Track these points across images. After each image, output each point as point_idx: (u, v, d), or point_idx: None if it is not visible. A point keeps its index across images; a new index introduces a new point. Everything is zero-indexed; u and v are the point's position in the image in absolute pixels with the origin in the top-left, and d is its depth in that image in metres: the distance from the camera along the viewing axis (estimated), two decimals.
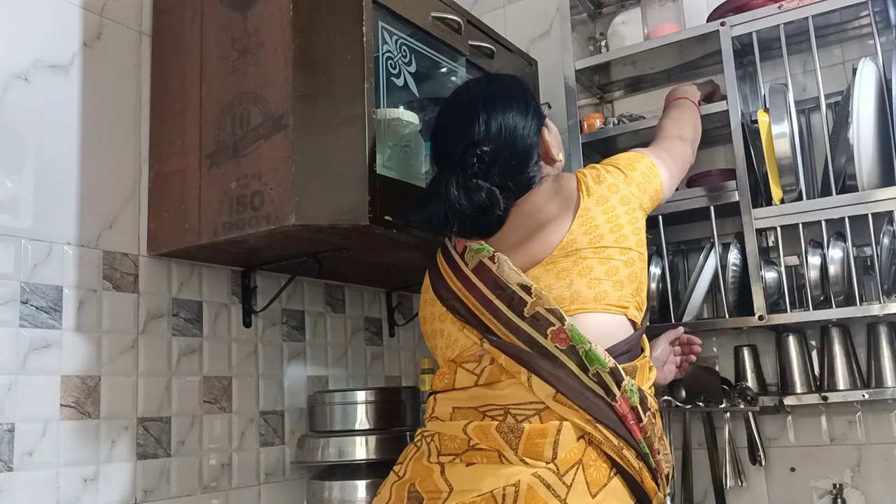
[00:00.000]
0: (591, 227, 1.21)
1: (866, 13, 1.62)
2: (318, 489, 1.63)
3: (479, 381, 1.16)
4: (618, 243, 1.21)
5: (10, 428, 1.26)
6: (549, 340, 1.13)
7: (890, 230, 1.51)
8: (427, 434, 1.19)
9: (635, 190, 1.29)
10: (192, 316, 1.57)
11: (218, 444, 1.58)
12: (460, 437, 1.13)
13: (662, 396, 1.73)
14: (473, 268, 1.22)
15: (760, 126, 1.59)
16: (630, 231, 1.24)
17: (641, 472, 1.11)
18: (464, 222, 1.23)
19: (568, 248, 1.20)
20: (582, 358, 1.11)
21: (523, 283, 1.17)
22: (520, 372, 1.13)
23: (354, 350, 1.97)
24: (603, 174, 1.29)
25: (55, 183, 1.38)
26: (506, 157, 1.26)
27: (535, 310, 1.15)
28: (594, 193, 1.25)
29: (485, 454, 1.10)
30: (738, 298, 1.65)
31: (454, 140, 1.28)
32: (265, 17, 1.40)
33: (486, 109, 1.28)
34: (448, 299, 1.24)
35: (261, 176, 1.36)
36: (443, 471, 1.12)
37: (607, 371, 1.11)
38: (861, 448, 1.65)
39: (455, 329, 1.22)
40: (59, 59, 1.42)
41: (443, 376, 1.21)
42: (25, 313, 1.31)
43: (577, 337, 1.12)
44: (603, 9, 2.06)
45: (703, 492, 1.76)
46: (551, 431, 1.08)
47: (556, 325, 1.13)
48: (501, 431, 1.10)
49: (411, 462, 1.18)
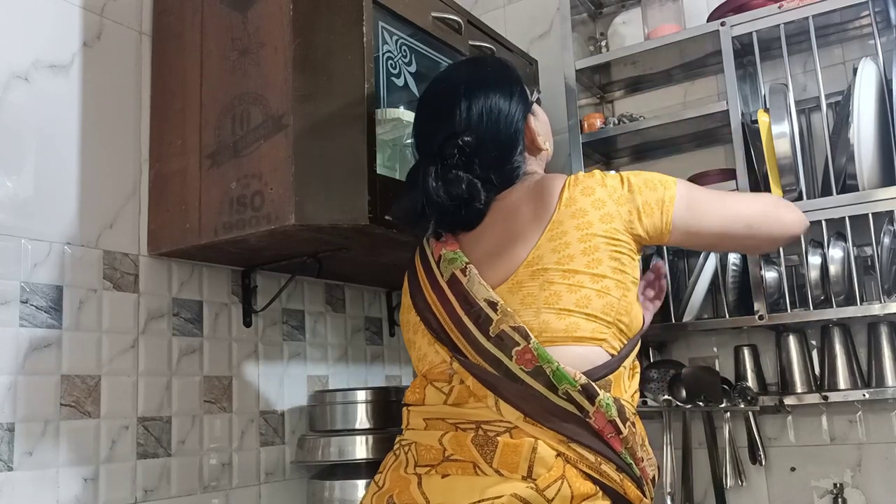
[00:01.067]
0: (560, 245, 1.11)
1: (867, 13, 1.62)
2: (319, 489, 1.63)
3: (447, 400, 1.12)
4: (589, 268, 1.09)
5: (10, 428, 1.26)
6: (513, 362, 1.06)
7: (890, 230, 1.51)
8: (405, 442, 1.15)
9: (626, 212, 1.14)
10: (192, 316, 1.57)
11: (218, 444, 1.58)
12: (436, 447, 1.09)
13: (662, 396, 1.73)
14: (447, 280, 1.16)
15: (761, 126, 1.59)
16: (607, 255, 1.11)
17: (623, 483, 1.07)
18: (442, 215, 1.18)
19: (533, 264, 1.11)
20: (550, 378, 1.05)
21: (490, 300, 1.10)
22: (486, 396, 1.07)
23: (354, 350, 1.97)
24: (597, 185, 1.15)
25: (55, 183, 1.38)
26: (488, 146, 1.19)
27: (500, 328, 1.08)
28: (573, 205, 1.13)
29: (460, 465, 1.06)
30: (738, 298, 1.65)
31: (435, 129, 1.23)
32: (265, 17, 1.40)
33: (467, 96, 1.21)
34: (422, 310, 1.19)
35: (261, 176, 1.35)
36: (420, 482, 1.08)
37: (577, 390, 1.05)
38: (861, 448, 1.65)
39: (425, 343, 1.18)
40: (59, 59, 1.42)
41: (414, 390, 1.17)
42: (25, 313, 1.31)
43: (544, 356, 1.06)
44: (603, 9, 2.06)
45: (703, 491, 1.76)
46: (526, 448, 1.04)
47: (521, 344, 1.07)
48: (476, 443, 1.06)
49: (389, 472, 1.15)
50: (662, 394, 1.73)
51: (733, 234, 1.22)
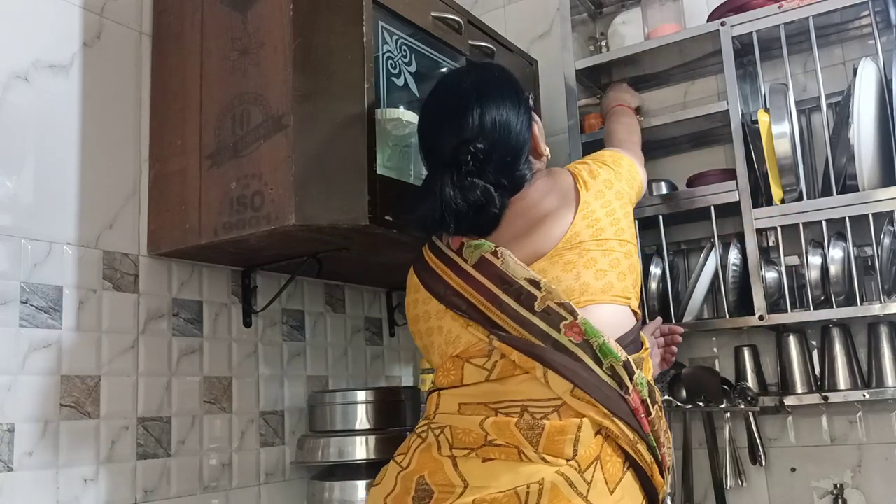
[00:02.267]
0: (592, 221, 1.23)
1: (867, 13, 1.62)
2: (319, 489, 1.63)
3: (490, 376, 1.14)
4: (617, 236, 1.23)
5: (9, 428, 1.26)
6: (562, 334, 1.12)
7: (890, 230, 1.51)
8: (435, 426, 1.16)
9: (625, 185, 1.32)
10: (192, 316, 1.57)
11: (218, 444, 1.58)
12: (476, 431, 1.10)
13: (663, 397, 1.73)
14: (474, 263, 1.20)
15: (761, 126, 1.59)
16: (626, 224, 1.26)
17: (652, 466, 1.11)
18: (460, 222, 1.21)
19: (572, 241, 1.20)
20: (596, 352, 1.11)
21: (531, 278, 1.16)
22: (534, 367, 1.11)
23: (354, 350, 1.97)
24: (595, 169, 1.31)
25: (55, 183, 1.38)
26: (500, 153, 1.24)
27: (545, 304, 1.14)
28: (591, 188, 1.27)
29: (503, 450, 1.08)
30: (738, 298, 1.65)
31: (446, 136, 1.25)
32: (265, 17, 1.40)
33: (479, 104, 1.25)
34: (447, 296, 1.22)
35: (261, 176, 1.35)
36: (455, 465, 1.10)
37: (621, 364, 1.11)
38: (862, 448, 1.65)
39: (457, 325, 1.20)
40: (59, 59, 1.42)
41: (447, 372, 1.18)
42: (25, 313, 1.31)
43: (591, 331, 1.12)
44: (603, 9, 2.06)
45: (703, 492, 1.76)
46: (572, 429, 1.07)
47: (568, 318, 1.13)
48: (521, 428, 1.08)
49: (417, 453, 1.15)
50: (663, 394, 1.73)
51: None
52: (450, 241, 1.26)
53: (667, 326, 1.55)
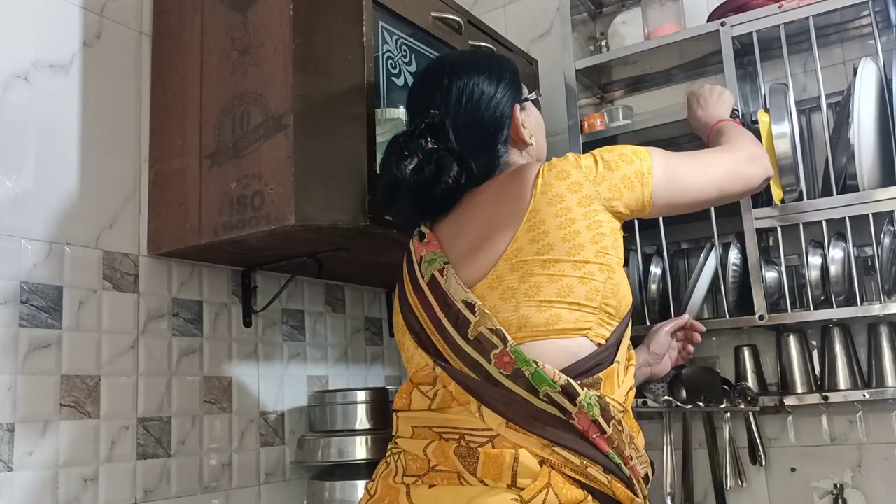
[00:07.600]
0: (539, 234, 1.06)
1: (867, 13, 1.61)
2: (319, 489, 1.63)
3: (431, 405, 1.10)
4: (570, 255, 1.06)
5: (9, 428, 1.26)
6: (493, 366, 1.04)
7: (891, 230, 1.51)
8: (395, 451, 1.14)
9: (605, 189, 1.10)
10: (192, 316, 1.57)
11: (218, 444, 1.58)
12: (421, 457, 1.08)
13: (663, 396, 1.73)
14: (428, 281, 1.13)
15: (761, 126, 1.59)
16: (588, 239, 1.07)
17: (612, 485, 1.04)
18: (406, 194, 1.13)
19: (512, 258, 1.07)
20: (529, 380, 1.03)
21: (468, 301, 1.07)
22: (469, 402, 1.05)
23: (354, 350, 1.97)
24: (571, 167, 1.11)
25: (55, 183, 1.38)
26: (464, 124, 1.16)
27: (478, 330, 1.05)
28: (549, 191, 1.09)
29: (445, 476, 1.05)
30: (738, 298, 1.65)
31: (416, 110, 1.23)
32: (265, 17, 1.40)
33: (449, 75, 1.20)
34: (405, 313, 1.17)
35: (261, 176, 1.35)
36: (408, 492, 1.07)
37: (557, 391, 1.02)
38: (862, 448, 1.65)
39: (412, 346, 1.16)
40: (59, 59, 1.42)
41: (401, 395, 1.15)
42: (25, 313, 1.31)
43: (521, 359, 1.03)
44: (603, 9, 2.06)
45: (703, 492, 1.76)
46: (508, 459, 1.01)
47: (498, 347, 1.04)
48: (458, 455, 1.04)
49: (380, 480, 1.13)
50: (662, 394, 1.73)
51: (706, 201, 1.24)
52: (415, 250, 1.20)
53: (690, 322, 1.51)
